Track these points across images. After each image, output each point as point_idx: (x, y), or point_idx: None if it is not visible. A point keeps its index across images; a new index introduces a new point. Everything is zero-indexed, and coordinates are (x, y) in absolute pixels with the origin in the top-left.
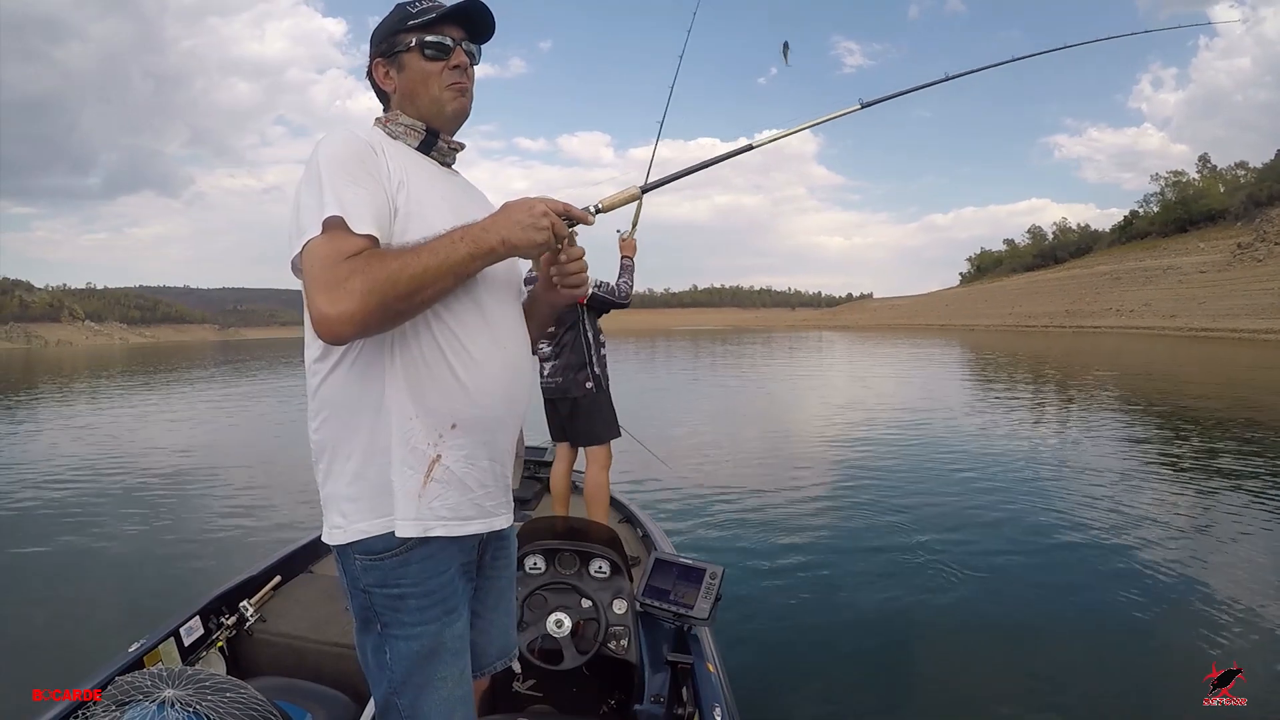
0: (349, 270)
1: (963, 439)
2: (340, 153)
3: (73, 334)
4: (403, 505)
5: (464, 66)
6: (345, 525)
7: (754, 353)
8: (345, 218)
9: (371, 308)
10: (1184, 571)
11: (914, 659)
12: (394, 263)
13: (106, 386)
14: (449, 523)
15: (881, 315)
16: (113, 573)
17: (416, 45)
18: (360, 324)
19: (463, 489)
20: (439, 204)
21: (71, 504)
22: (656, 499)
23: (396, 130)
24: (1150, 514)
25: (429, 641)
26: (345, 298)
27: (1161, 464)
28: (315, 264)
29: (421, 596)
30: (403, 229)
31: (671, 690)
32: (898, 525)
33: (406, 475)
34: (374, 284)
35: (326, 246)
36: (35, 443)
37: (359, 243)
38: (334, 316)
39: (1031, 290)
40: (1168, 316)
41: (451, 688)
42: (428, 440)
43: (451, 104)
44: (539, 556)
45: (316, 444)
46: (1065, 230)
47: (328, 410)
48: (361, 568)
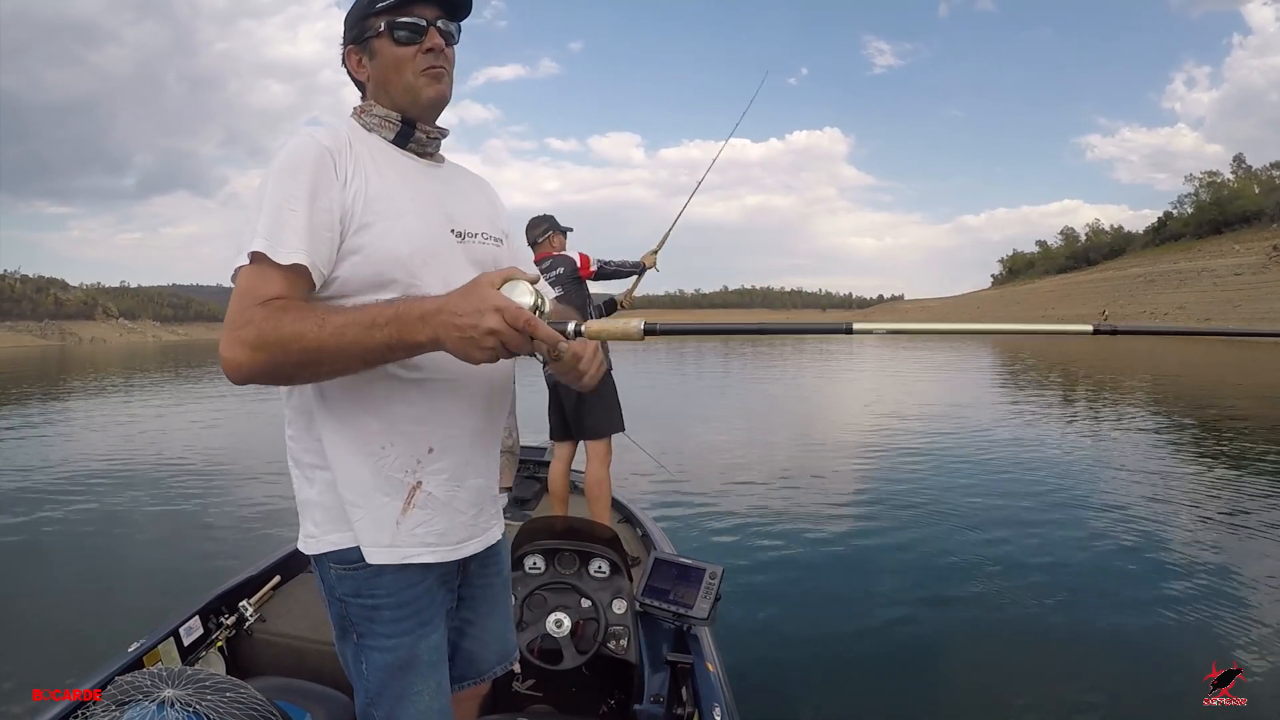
0: (247, 319)
1: (976, 443)
2: (288, 162)
3: (107, 331)
4: (373, 533)
5: (439, 49)
6: (318, 535)
7: (784, 354)
8: (268, 251)
9: (259, 363)
10: (1188, 573)
11: (914, 659)
12: (291, 327)
13: (129, 384)
14: (436, 549)
15: (912, 317)
16: (112, 573)
17: (387, 29)
18: (246, 375)
19: (451, 513)
20: (410, 205)
21: (74, 501)
22: (656, 499)
23: (371, 122)
24: (1163, 517)
25: (403, 654)
26: (235, 345)
27: (1186, 469)
28: (232, 299)
29: (395, 608)
30: (361, 241)
31: (671, 690)
32: (901, 528)
33: (381, 503)
34: (263, 343)
35: (246, 282)
36: (44, 440)
37: (277, 284)
38: (225, 359)
39: (1064, 292)
40: (1202, 320)
41: (428, 700)
42: (404, 468)
43: (427, 90)
44: (538, 556)
45: (290, 450)
46: (1098, 232)
47: (301, 421)
48: (336, 576)
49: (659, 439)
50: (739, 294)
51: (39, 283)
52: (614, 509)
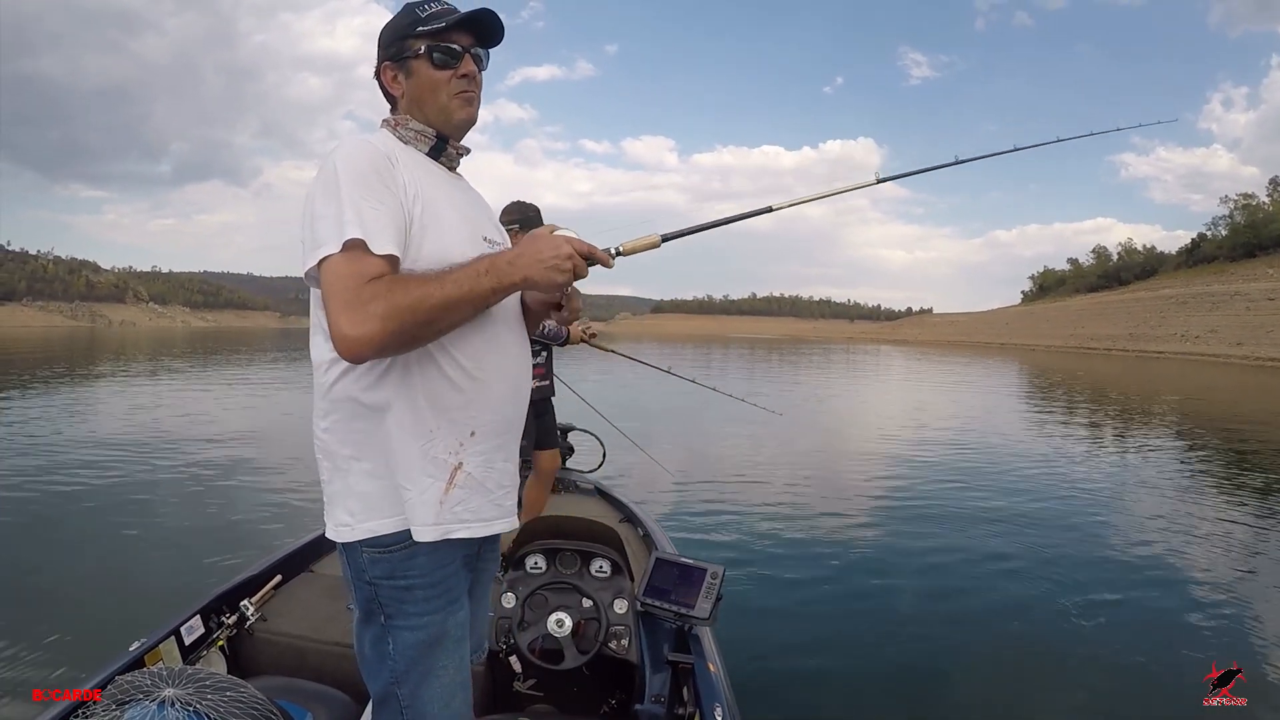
0: (372, 294)
1: (986, 453)
2: (360, 165)
3: (137, 315)
4: (421, 512)
5: (472, 75)
6: (353, 524)
7: (810, 364)
8: (366, 239)
9: (391, 332)
10: (1189, 574)
11: (913, 658)
12: (417, 290)
13: (154, 371)
14: (471, 525)
15: (941, 331)
16: (113, 572)
17: (425, 52)
18: (379, 347)
19: (484, 492)
20: (451, 213)
21: (77, 499)
22: (655, 499)
23: (407, 135)
24: (1165, 522)
25: (434, 630)
26: (367, 320)
27: (1191, 480)
28: (338, 283)
29: (429, 587)
30: (418, 240)
31: (672, 690)
32: (903, 532)
33: (427, 484)
34: (396, 310)
35: (348, 266)
36: (51, 427)
37: (379, 264)
38: (355, 338)
39: (1094, 311)
40: (1234, 344)
41: (452, 675)
42: (449, 450)
43: (459, 113)
44: (540, 556)
45: (324, 442)
46: (1130, 251)
47: (340, 411)
48: (369, 560)
49: (665, 439)
50: (766, 301)
51: (71, 264)
52: (615, 508)
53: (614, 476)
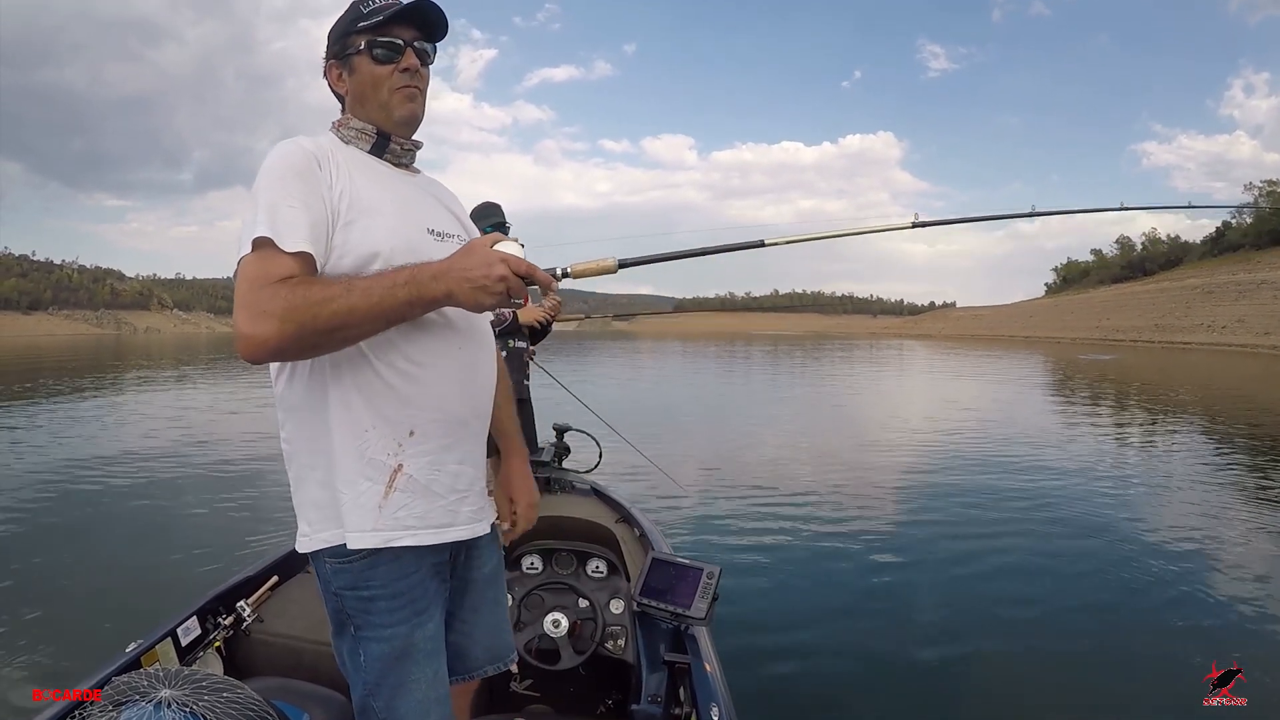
0: (272, 294)
1: (993, 451)
2: (279, 166)
3: (161, 322)
4: (357, 517)
5: (414, 69)
6: (311, 533)
7: (834, 359)
8: (275, 237)
9: (288, 335)
10: (1189, 574)
11: (911, 658)
12: (320, 294)
13: (172, 378)
14: (418, 532)
15: (964, 325)
16: (110, 574)
17: (366, 47)
18: (274, 349)
19: (431, 496)
20: (387, 206)
21: (74, 500)
22: (653, 499)
23: (348, 135)
24: (1169, 522)
25: (400, 643)
26: (263, 320)
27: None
28: (242, 282)
29: (390, 598)
30: (344, 234)
31: (669, 690)
32: (903, 532)
33: (364, 487)
34: (293, 310)
35: (255, 266)
36: (54, 436)
37: (289, 264)
38: (248, 336)
39: (1119, 303)
40: (1261, 334)
41: (425, 689)
42: (386, 451)
43: (400, 109)
44: (536, 556)
45: (285, 453)
46: (1155, 241)
47: (292, 419)
48: (332, 571)
49: (664, 440)
50: (789, 298)
51: (96, 273)
52: (611, 508)
53: (611, 477)
